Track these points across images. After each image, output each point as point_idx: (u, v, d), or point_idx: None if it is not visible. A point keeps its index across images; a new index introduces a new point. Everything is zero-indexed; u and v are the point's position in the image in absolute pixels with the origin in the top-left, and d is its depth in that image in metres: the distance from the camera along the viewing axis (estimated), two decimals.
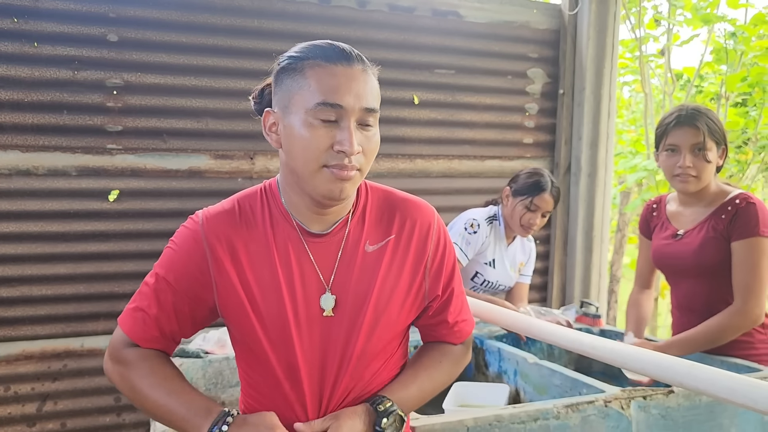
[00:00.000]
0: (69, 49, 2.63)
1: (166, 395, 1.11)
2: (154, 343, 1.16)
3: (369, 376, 1.18)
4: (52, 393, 2.74)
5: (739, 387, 0.90)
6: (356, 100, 1.03)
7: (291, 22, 2.93)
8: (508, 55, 3.42)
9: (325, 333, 1.13)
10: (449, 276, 1.23)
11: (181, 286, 1.14)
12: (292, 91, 1.04)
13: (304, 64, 1.04)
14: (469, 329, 1.31)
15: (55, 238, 2.68)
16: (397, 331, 1.20)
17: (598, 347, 1.21)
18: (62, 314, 2.72)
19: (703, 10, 4.83)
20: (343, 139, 1.02)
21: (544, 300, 3.67)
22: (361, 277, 1.15)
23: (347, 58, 1.04)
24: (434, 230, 1.21)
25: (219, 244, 1.12)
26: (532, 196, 2.37)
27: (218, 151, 2.89)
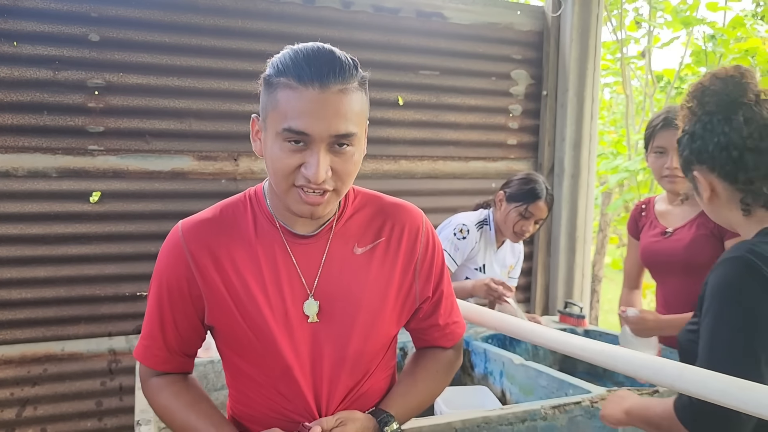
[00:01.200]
0: (49, 48, 2.59)
1: (193, 418, 1.14)
2: (167, 365, 1.19)
3: (363, 377, 1.17)
4: (32, 398, 2.70)
5: (730, 389, 0.91)
6: (326, 128, 0.97)
7: (275, 22, 2.92)
8: (492, 56, 3.43)
9: (313, 337, 1.12)
10: (438, 278, 1.23)
11: (175, 302, 1.13)
12: (267, 109, 1.02)
13: (278, 82, 0.99)
14: (460, 331, 1.31)
15: (36, 240, 2.64)
16: (390, 333, 1.20)
17: (588, 349, 1.21)
18: (42, 318, 2.68)
19: (683, 13, 4.90)
20: (309, 164, 0.99)
21: (528, 300, 3.69)
22: (350, 281, 1.14)
23: (322, 79, 0.96)
24: (423, 233, 1.20)
25: (201, 253, 1.11)
26: (527, 204, 2.35)
27: (202, 153, 2.86)
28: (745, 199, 1.25)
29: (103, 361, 2.80)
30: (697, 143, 1.28)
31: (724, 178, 1.26)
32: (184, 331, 1.16)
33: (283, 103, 0.98)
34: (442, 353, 1.29)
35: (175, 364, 1.20)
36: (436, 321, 1.25)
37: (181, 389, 1.19)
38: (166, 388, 1.19)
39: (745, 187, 1.24)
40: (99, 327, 2.77)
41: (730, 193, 1.27)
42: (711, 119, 1.26)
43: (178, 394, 1.17)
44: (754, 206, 1.25)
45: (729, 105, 1.25)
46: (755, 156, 1.22)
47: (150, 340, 1.17)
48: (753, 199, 1.24)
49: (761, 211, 1.25)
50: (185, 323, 1.15)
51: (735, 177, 1.24)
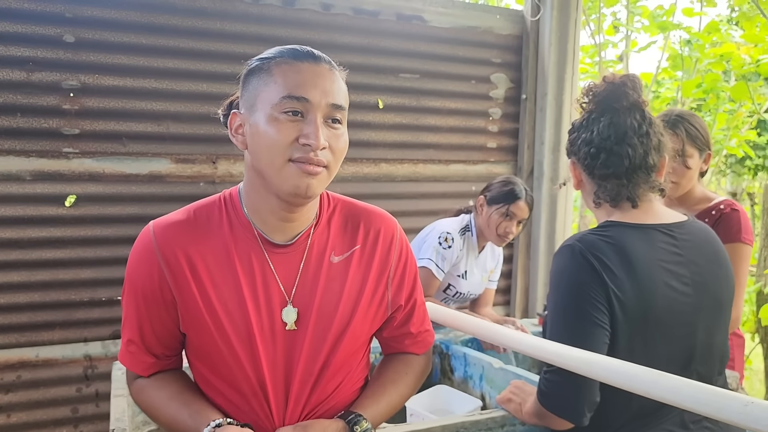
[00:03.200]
0: (23, 49, 2.54)
1: (174, 409, 1.12)
2: (153, 369, 1.18)
3: (332, 390, 1.16)
4: (5, 405, 2.64)
5: (703, 396, 0.92)
6: (323, 96, 1.02)
7: (254, 24, 2.90)
8: (472, 59, 3.44)
9: (288, 347, 1.11)
10: (412, 286, 1.24)
11: (150, 307, 1.12)
12: (259, 89, 1.04)
13: (271, 62, 1.04)
14: (431, 339, 1.32)
15: (9, 245, 2.59)
16: (361, 342, 1.20)
17: (564, 355, 1.21)
18: (16, 323, 2.63)
19: (660, 18, 4.96)
20: (309, 133, 1.01)
21: (508, 303, 3.71)
22: (327, 289, 1.13)
23: (314, 57, 1.04)
24: (397, 240, 1.21)
25: (174, 257, 1.08)
26: (508, 204, 2.36)
27: (179, 155, 2.83)
28: (597, 192, 1.43)
29: (78, 367, 2.75)
30: (572, 135, 1.47)
31: (584, 170, 1.45)
32: (163, 337, 1.15)
33: (280, 76, 1.02)
34: (413, 359, 1.30)
35: (162, 366, 1.19)
36: (408, 330, 1.26)
37: (165, 383, 1.17)
38: (150, 383, 1.18)
39: (600, 182, 1.41)
40: (74, 332, 2.72)
41: (590, 185, 1.45)
42: (588, 117, 1.44)
43: (162, 387, 1.16)
44: (603, 200, 1.42)
45: (604, 107, 1.41)
46: (607, 156, 1.38)
47: (132, 347, 1.15)
48: (602, 194, 1.42)
49: (607, 206, 1.43)
50: (163, 329, 1.13)
51: (592, 172, 1.42)
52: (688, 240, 1.39)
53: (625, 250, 1.32)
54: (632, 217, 1.39)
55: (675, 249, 1.36)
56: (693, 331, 1.35)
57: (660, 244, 1.35)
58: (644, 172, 1.39)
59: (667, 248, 1.36)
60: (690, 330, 1.35)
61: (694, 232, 1.42)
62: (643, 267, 1.31)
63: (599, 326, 1.28)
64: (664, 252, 1.35)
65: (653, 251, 1.34)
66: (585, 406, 1.32)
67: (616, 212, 1.42)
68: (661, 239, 1.36)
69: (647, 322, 1.31)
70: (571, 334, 1.31)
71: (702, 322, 1.37)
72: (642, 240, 1.34)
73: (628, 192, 1.39)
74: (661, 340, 1.32)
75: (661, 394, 0.98)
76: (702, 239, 1.42)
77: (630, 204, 1.40)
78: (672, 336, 1.33)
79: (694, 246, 1.39)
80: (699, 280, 1.37)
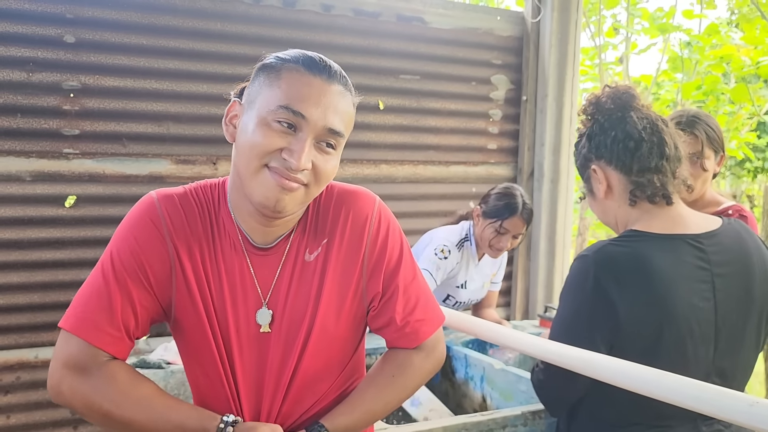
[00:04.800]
0: (23, 50, 2.54)
1: (159, 414, 1.00)
2: (114, 346, 1.01)
3: (312, 401, 1.11)
4: (4, 407, 2.63)
5: (705, 395, 0.92)
6: (322, 117, 0.96)
7: (254, 25, 2.90)
8: (472, 61, 3.44)
9: (262, 351, 1.07)
10: (393, 270, 1.11)
11: (139, 276, 1.03)
12: (263, 88, 0.99)
13: (284, 66, 0.99)
14: (427, 329, 1.14)
15: (9, 245, 2.58)
16: (339, 345, 1.12)
17: (565, 355, 1.21)
18: (15, 324, 2.62)
19: (660, 20, 4.96)
20: (294, 150, 0.95)
21: (508, 305, 3.70)
22: (297, 290, 1.08)
23: (329, 74, 0.99)
24: (372, 221, 1.10)
25: (179, 228, 1.05)
26: (502, 219, 2.30)
27: (180, 156, 2.83)
28: (634, 191, 1.39)
29: None
30: (596, 140, 1.43)
31: (620, 169, 1.40)
32: (144, 312, 1.04)
33: (286, 83, 0.97)
34: (404, 355, 1.15)
35: (122, 348, 1.04)
36: (392, 318, 1.11)
37: (140, 379, 1.04)
38: (109, 382, 1.01)
39: (638, 178, 1.37)
40: None
41: (623, 185, 1.41)
42: (609, 117, 1.41)
43: (140, 383, 1.03)
44: (641, 198, 1.38)
45: (623, 106, 1.41)
46: (650, 147, 1.36)
47: (97, 315, 1.01)
48: (641, 191, 1.37)
49: (645, 203, 1.39)
50: (143, 304, 1.04)
51: (630, 167, 1.38)
52: (717, 252, 1.34)
53: (646, 265, 1.28)
54: (660, 225, 1.35)
55: (701, 263, 1.32)
56: (713, 349, 1.32)
57: (686, 257, 1.31)
58: (678, 163, 1.39)
59: (692, 261, 1.31)
60: (708, 348, 1.32)
61: (725, 242, 1.36)
62: (664, 283, 1.27)
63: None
64: (688, 266, 1.31)
65: (677, 265, 1.30)
66: (566, 401, 1.41)
67: (644, 217, 1.38)
68: (687, 251, 1.32)
69: (661, 341, 1.28)
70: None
71: (723, 340, 1.33)
72: (666, 252, 1.30)
73: (665, 188, 1.36)
74: (675, 358, 1.28)
75: (665, 394, 0.98)
76: (735, 249, 1.37)
77: (665, 201, 1.37)
78: (687, 355, 1.30)
79: (724, 258, 1.34)
80: (723, 295, 1.32)
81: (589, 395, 1.39)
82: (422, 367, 1.15)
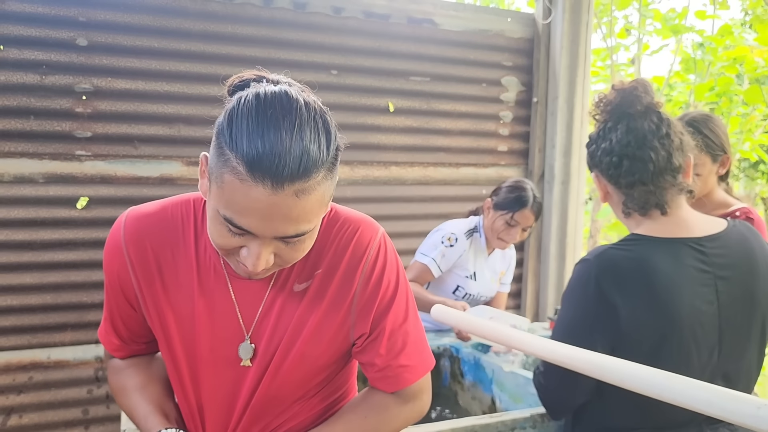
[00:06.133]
0: (37, 53, 2.57)
1: (135, 401, 1.10)
2: (122, 352, 1.15)
3: (280, 420, 1.08)
4: (17, 406, 2.66)
5: (716, 399, 0.91)
6: (271, 230, 0.84)
7: (265, 27, 2.91)
8: (483, 63, 3.44)
9: (238, 380, 1.04)
10: (384, 310, 1.04)
11: (117, 297, 1.09)
12: (213, 174, 0.85)
13: (228, 158, 0.82)
14: (409, 377, 1.07)
15: (22, 246, 2.61)
16: (318, 371, 1.07)
17: (575, 357, 1.20)
18: (28, 325, 2.65)
19: (672, 21, 4.94)
20: (248, 257, 0.87)
21: (518, 307, 3.69)
22: (278, 321, 1.02)
23: (276, 177, 0.79)
24: (369, 257, 1.02)
25: (139, 256, 1.03)
26: (513, 212, 2.35)
27: (191, 158, 2.85)
28: (625, 202, 1.39)
29: (89, 369, 2.77)
30: (591, 148, 1.43)
31: (609, 180, 1.41)
32: (132, 326, 1.11)
33: (227, 189, 0.82)
34: (378, 396, 1.10)
35: (130, 351, 1.15)
36: (372, 360, 1.06)
37: (136, 371, 1.13)
38: (123, 369, 1.14)
39: (627, 191, 1.38)
40: (86, 334, 2.74)
41: (617, 195, 1.41)
42: (604, 127, 1.41)
43: (131, 376, 1.13)
44: (632, 209, 1.38)
45: (619, 115, 1.38)
46: (630, 163, 1.34)
47: (106, 324, 1.13)
48: (631, 203, 1.38)
49: (636, 215, 1.39)
50: (130, 320, 1.10)
51: (617, 181, 1.38)
52: (719, 255, 1.33)
53: (648, 270, 1.27)
54: (662, 229, 1.34)
55: (703, 266, 1.31)
56: (716, 352, 1.32)
57: (687, 260, 1.30)
58: (670, 174, 1.35)
59: (694, 265, 1.30)
60: (712, 351, 1.31)
61: (729, 245, 1.35)
62: (666, 287, 1.27)
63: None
64: (690, 269, 1.30)
65: (679, 269, 1.29)
66: (568, 405, 1.41)
67: (646, 221, 1.37)
68: (689, 255, 1.31)
69: (664, 345, 1.27)
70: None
71: (727, 343, 1.32)
72: (668, 256, 1.29)
73: (656, 198, 1.34)
74: (678, 362, 1.28)
75: (672, 396, 0.97)
76: (738, 251, 1.35)
77: (659, 211, 1.35)
78: (690, 359, 1.29)
79: (727, 260, 1.33)
80: (727, 298, 1.31)
81: (592, 400, 1.38)
82: (399, 414, 1.09)
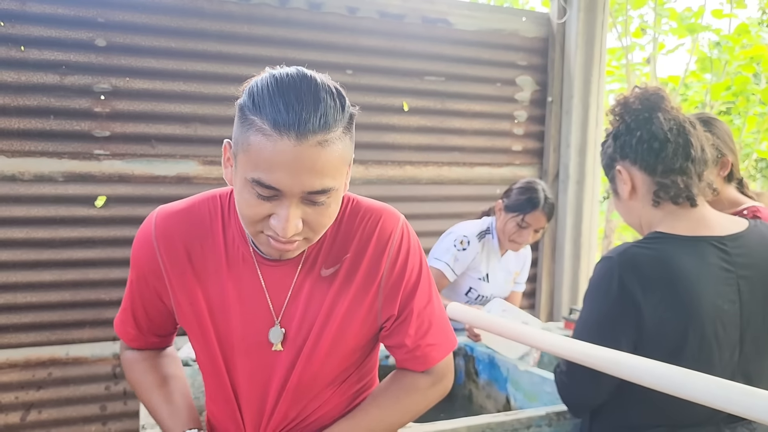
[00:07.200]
0: (56, 53, 2.61)
1: (155, 400, 1.14)
2: (138, 343, 1.18)
3: (314, 405, 1.11)
4: (36, 402, 2.70)
5: (734, 396, 0.91)
6: (298, 184, 0.88)
7: (281, 28, 2.93)
8: (498, 62, 3.44)
9: (270, 364, 1.07)
10: (409, 293, 1.09)
11: (143, 290, 1.12)
12: (238, 146, 0.91)
13: (252, 121, 0.88)
14: (437, 355, 1.13)
15: (41, 244, 2.65)
16: (348, 355, 1.10)
17: (591, 354, 1.21)
18: (47, 322, 2.69)
19: (688, 20, 4.90)
20: (277, 220, 0.91)
21: (533, 307, 3.68)
22: (308, 306, 1.06)
23: (300, 128, 0.85)
24: (393, 243, 1.07)
25: (170, 251, 1.06)
26: (524, 214, 2.31)
27: (207, 157, 2.87)
28: (658, 192, 1.37)
29: (107, 366, 2.80)
30: (621, 139, 1.42)
31: (644, 170, 1.39)
32: (155, 317, 1.15)
33: (254, 149, 0.87)
34: (411, 378, 1.14)
35: (146, 343, 1.19)
36: (402, 341, 1.10)
37: (152, 366, 1.17)
38: (139, 363, 1.18)
39: (662, 179, 1.36)
40: (103, 331, 2.77)
41: (647, 186, 1.40)
42: (636, 117, 1.40)
43: (148, 372, 1.17)
44: (664, 199, 1.37)
45: (651, 107, 1.39)
46: (675, 148, 1.35)
47: (124, 315, 1.17)
48: (665, 192, 1.36)
49: (669, 204, 1.37)
50: (155, 312, 1.14)
51: (654, 168, 1.37)
52: (741, 254, 1.32)
53: (670, 267, 1.27)
54: (684, 227, 1.34)
55: (726, 265, 1.31)
56: (738, 352, 1.31)
57: (711, 259, 1.30)
58: (705, 165, 1.37)
59: (717, 263, 1.30)
60: (734, 351, 1.31)
61: (751, 244, 1.35)
62: (688, 286, 1.26)
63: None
64: (713, 268, 1.29)
65: (702, 267, 1.29)
66: (591, 403, 1.41)
67: (670, 218, 1.37)
68: (712, 253, 1.30)
69: (686, 344, 1.27)
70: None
71: (748, 343, 1.32)
72: (691, 255, 1.29)
73: (689, 190, 1.35)
74: (699, 361, 1.27)
75: (691, 393, 0.97)
76: (760, 251, 1.35)
77: (689, 203, 1.35)
78: (711, 358, 1.29)
79: (749, 260, 1.33)
80: (748, 298, 1.31)
81: (610, 397, 1.38)
82: (428, 394, 1.14)
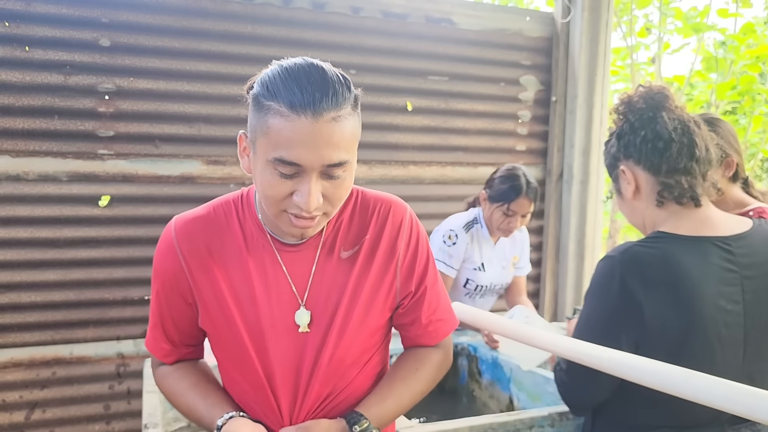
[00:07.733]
0: (61, 53, 2.61)
1: (192, 398, 1.17)
2: (172, 357, 1.22)
3: (343, 384, 1.16)
4: (40, 401, 2.71)
5: (737, 396, 0.90)
6: (318, 158, 0.95)
7: (284, 27, 2.93)
8: (501, 62, 3.43)
9: (300, 346, 1.12)
10: (422, 272, 1.19)
11: (170, 299, 1.15)
12: (257, 132, 0.99)
13: (269, 106, 0.96)
14: (445, 329, 1.24)
15: (45, 244, 2.66)
16: (371, 335, 1.17)
17: (594, 355, 1.20)
18: (51, 321, 2.69)
19: (694, 20, 4.88)
20: (300, 195, 0.98)
21: (537, 307, 3.67)
22: (332, 287, 1.13)
23: (315, 106, 0.93)
24: (405, 227, 1.17)
25: (193, 251, 1.12)
26: (508, 202, 2.31)
27: (210, 157, 2.88)
28: (662, 192, 1.37)
29: (111, 365, 2.81)
30: (625, 139, 1.41)
31: (648, 169, 1.38)
32: (183, 327, 1.18)
33: (274, 130, 0.95)
34: (425, 352, 1.24)
35: (179, 355, 1.22)
36: (417, 317, 1.20)
37: (186, 373, 1.21)
38: (171, 373, 1.22)
39: (666, 179, 1.35)
40: (107, 331, 2.78)
41: (651, 186, 1.39)
42: (640, 117, 1.39)
43: (182, 377, 1.20)
44: (668, 199, 1.36)
45: (655, 106, 1.39)
46: (679, 147, 1.34)
47: (154, 332, 1.20)
48: (668, 192, 1.35)
49: (672, 204, 1.37)
50: (183, 320, 1.17)
51: (659, 168, 1.36)
52: (745, 254, 1.32)
53: (673, 267, 1.27)
54: (687, 226, 1.34)
55: (729, 265, 1.30)
56: (741, 352, 1.31)
57: (713, 259, 1.29)
58: (709, 165, 1.37)
59: (720, 264, 1.30)
60: (737, 352, 1.30)
61: (755, 245, 1.35)
62: (691, 285, 1.26)
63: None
64: (716, 268, 1.29)
65: (705, 267, 1.28)
66: (590, 402, 1.41)
67: (673, 218, 1.37)
68: (715, 253, 1.30)
69: (688, 344, 1.27)
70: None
71: (752, 344, 1.31)
72: (694, 255, 1.29)
73: (693, 190, 1.34)
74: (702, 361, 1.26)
75: (693, 393, 0.96)
76: (764, 251, 1.35)
77: (693, 203, 1.35)
78: (714, 359, 1.28)
79: (753, 260, 1.33)
80: (753, 298, 1.31)
81: (613, 398, 1.38)
82: (440, 365, 1.24)
